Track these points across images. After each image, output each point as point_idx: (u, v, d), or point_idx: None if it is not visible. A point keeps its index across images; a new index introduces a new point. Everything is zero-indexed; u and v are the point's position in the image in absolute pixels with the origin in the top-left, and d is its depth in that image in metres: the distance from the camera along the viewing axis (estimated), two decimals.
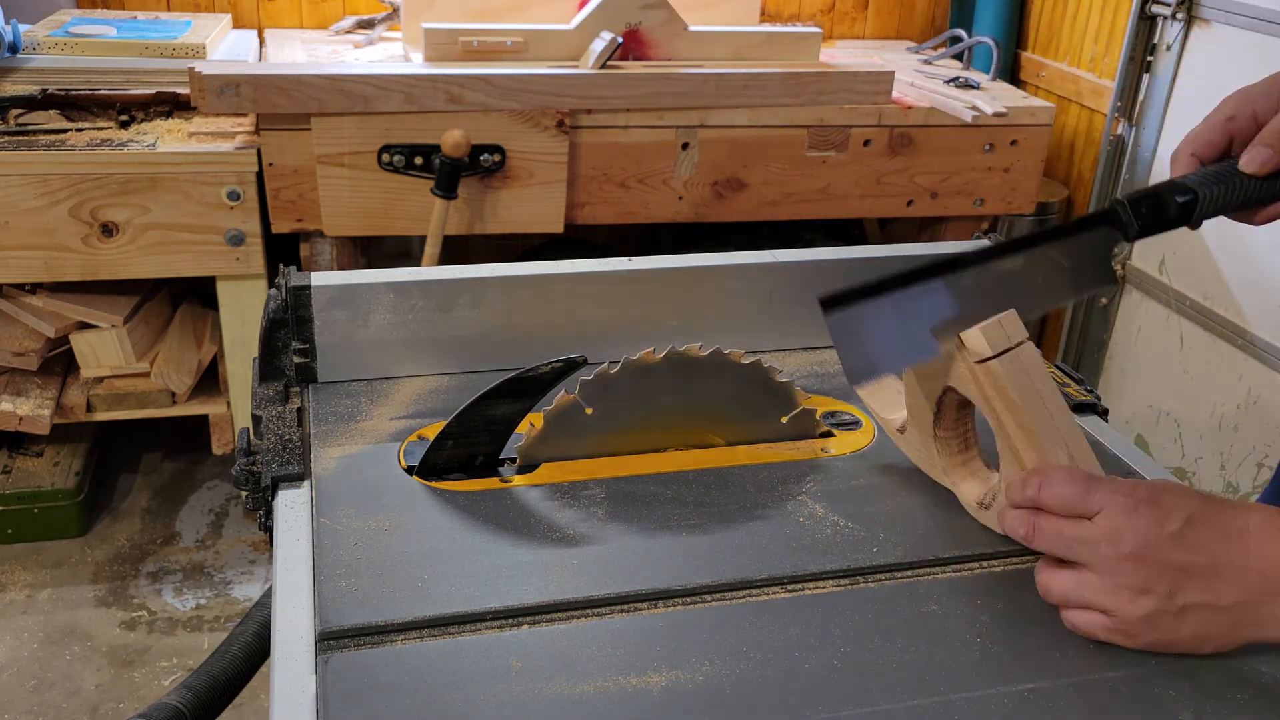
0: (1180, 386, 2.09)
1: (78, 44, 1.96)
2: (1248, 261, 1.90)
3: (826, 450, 0.87)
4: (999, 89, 2.18)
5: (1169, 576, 0.64)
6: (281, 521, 0.76)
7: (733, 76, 1.88)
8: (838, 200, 2.03)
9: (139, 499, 2.22)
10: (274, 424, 0.86)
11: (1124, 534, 0.64)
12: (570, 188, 1.90)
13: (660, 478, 0.82)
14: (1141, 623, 0.65)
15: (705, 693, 0.63)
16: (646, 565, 0.73)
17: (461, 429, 0.80)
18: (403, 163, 1.80)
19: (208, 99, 1.70)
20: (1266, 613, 0.63)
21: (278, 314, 0.89)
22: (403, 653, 0.65)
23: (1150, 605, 0.64)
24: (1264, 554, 0.63)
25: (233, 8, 2.31)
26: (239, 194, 1.78)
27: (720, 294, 0.99)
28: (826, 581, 0.73)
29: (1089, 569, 0.66)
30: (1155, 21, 2.07)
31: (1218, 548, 0.64)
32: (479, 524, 0.76)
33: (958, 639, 0.68)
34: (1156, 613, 0.64)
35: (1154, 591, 0.64)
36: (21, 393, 1.95)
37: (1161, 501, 0.65)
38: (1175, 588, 0.64)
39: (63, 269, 1.80)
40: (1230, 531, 0.64)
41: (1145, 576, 0.64)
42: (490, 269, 0.94)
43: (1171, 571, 0.64)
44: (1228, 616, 0.64)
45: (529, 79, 1.79)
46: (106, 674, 1.79)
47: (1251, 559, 0.63)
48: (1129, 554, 0.64)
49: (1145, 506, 0.65)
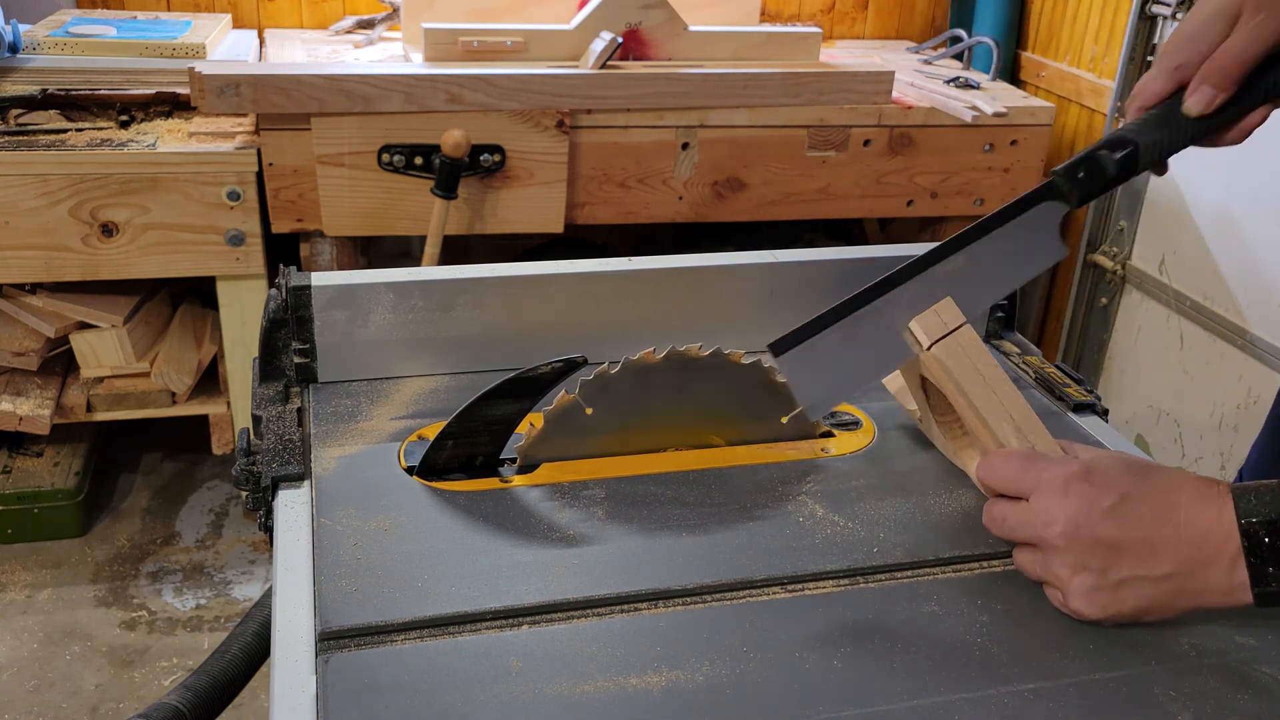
0: (1180, 386, 2.09)
1: (78, 44, 1.96)
2: (1248, 261, 1.90)
3: (826, 450, 0.87)
4: (999, 89, 2.18)
5: (1101, 553, 0.65)
6: (281, 521, 0.76)
7: (733, 76, 1.88)
8: (838, 200, 2.03)
9: (139, 499, 2.22)
10: (274, 424, 0.86)
11: (1055, 513, 0.66)
12: (570, 188, 1.90)
13: (660, 478, 0.82)
14: (1083, 598, 0.66)
15: (705, 693, 0.63)
16: (646, 565, 0.73)
17: (461, 429, 0.80)
18: (403, 163, 1.80)
19: (208, 99, 1.70)
20: (1201, 582, 0.64)
21: (278, 314, 0.89)
22: (403, 653, 0.65)
23: (1088, 581, 0.66)
24: (1195, 524, 0.64)
25: (233, 8, 2.31)
26: (239, 194, 1.78)
27: (720, 294, 0.99)
28: (826, 581, 0.73)
29: (1037, 548, 0.68)
30: (1155, 21, 2.07)
31: (1150, 522, 0.65)
32: (479, 524, 0.76)
33: (958, 639, 0.68)
34: (1094, 588, 0.66)
35: (1089, 568, 0.65)
36: (21, 393, 1.95)
37: (1094, 479, 0.66)
38: (1109, 563, 0.65)
39: (63, 269, 1.80)
40: (1162, 505, 0.65)
41: (1079, 554, 0.65)
42: (490, 269, 0.94)
43: (1104, 548, 0.65)
44: (1165, 587, 0.65)
45: (529, 79, 1.79)
46: (106, 674, 1.79)
47: (1183, 530, 0.64)
48: (1060, 533, 0.66)
49: (1077, 484, 0.66)
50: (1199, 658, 0.68)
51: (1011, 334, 1.07)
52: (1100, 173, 0.75)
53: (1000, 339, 1.07)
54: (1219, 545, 0.64)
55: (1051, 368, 1.00)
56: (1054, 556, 0.67)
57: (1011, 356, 1.03)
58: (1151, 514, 0.65)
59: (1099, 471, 0.67)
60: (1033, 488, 0.68)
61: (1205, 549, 0.64)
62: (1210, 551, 0.64)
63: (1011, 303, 1.06)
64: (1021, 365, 1.01)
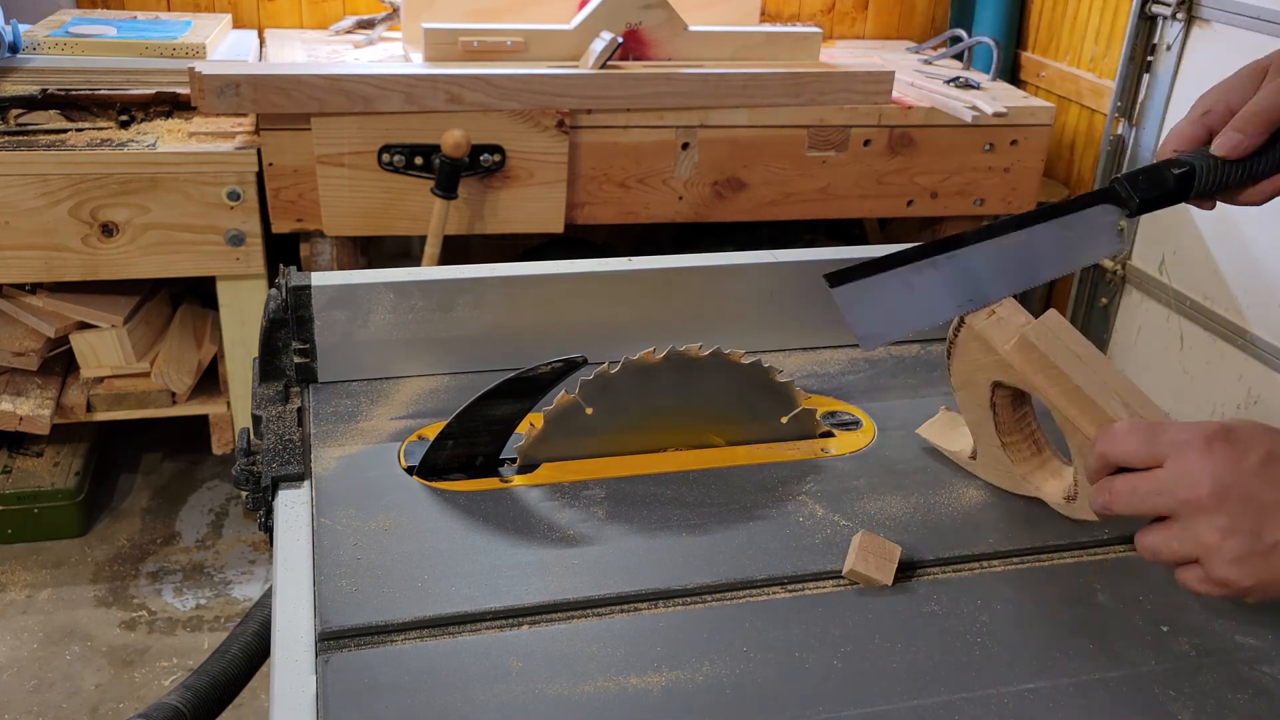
0: (1180, 386, 2.09)
1: (78, 44, 1.96)
2: (1248, 261, 1.90)
3: (826, 450, 0.87)
4: (999, 89, 2.18)
5: (1253, 513, 0.60)
6: (281, 521, 0.76)
7: (733, 76, 1.88)
8: (838, 200, 2.03)
9: (139, 499, 2.22)
10: (274, 424, 0.86)
11: (1199, 475, 0.61)
12: (570, 188, 1.90)
13: (660, 478, 0.82)
14: (1235, 564, 0.61)
15: (705, 693, 0.63)
16: (646, 565, 0.73)
17: (461, 429, 0.80)
18: (403, 163, 1.80)
19: (208, 99, 1.70)
20: None
21: (278, 314, 0.89)
22: (403, 653, 0.65)
23: (1239, 547, 0.61)
24: None
25: (233, 8, 2.31)
26: (239, 194, 1.78)
27: (720, 294, 0.99)
28: (826, 581, 0.73)
29: (1174, 519, 0.63)
30: (1155, 21, 2.07)
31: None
32: (479, 524, 0.76)
33: (958, 639, 0.68)
34: (1248, 553, 0.61)
35: (1240, 530, 0.61)
36: (21, 393, 1.95)
37: (1235, 437, 0.62)
38: (1262, 524, 0.60)
39: (63, 269, 1.80)
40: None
41: (1230, 515, 0.61)
42: (490, 269, 0.94)
43: (1255, 508, 0.60)
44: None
45: (529, 79, 1.79)
46: (106, 674, 1.79)
47: None
48: (1208, 494, 0.61)
49: (1219, 443, 0.62)
50: (1199, 658, 0.68)
51: None
52: (1160, 181, 0.77)
53: None
54: None
55: None
56: (1200, 521, 0.61)
57: None
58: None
59: (1240, 430, 0.63)
60: (1167, 452, 0.63)
61: None
62: None
63: None
64: None
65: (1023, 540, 0.78)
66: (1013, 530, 0.79)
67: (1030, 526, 0.79)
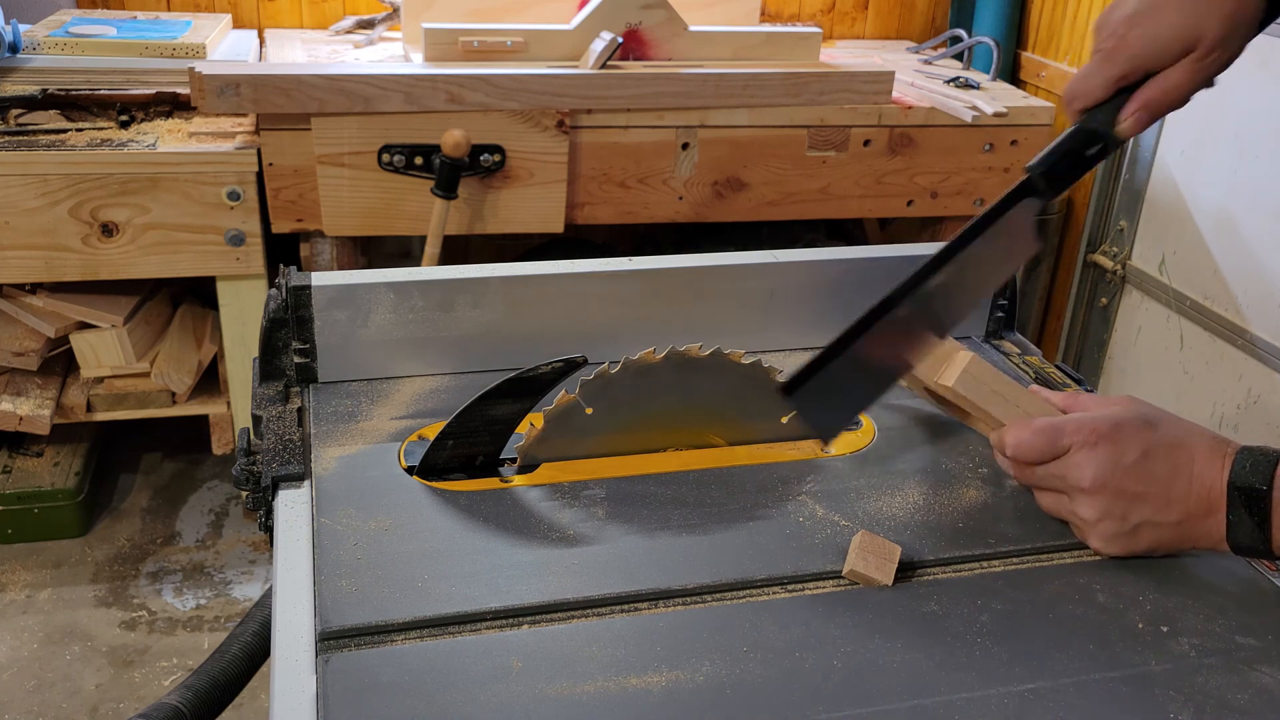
0: (1180, 386, 2.09)
1: (78, 44, 1.96)
2: (1248, 261, 1.90)
3: (826, 450, 0.87)
4: (999, 89, 2.18)
5: (1123, 502, 0.74)
6: (281, 521, 0.76)
7: (733, 76, 1.88)
8: (838, 200, 2.03)
9: (139, 499, 2.22)
10: (274, 424, 0.86)
11: (1085, 468, 0.75)
12: (570, 188, 1.90)
13: (660, 478, 0.82)
14: (1104, 540, 0.76)
15: (705, 693, 0.63)
16: (646, 565, 0.73)
17: (462, 429, 0.80)
18: (403, 163, 1.79)
19: (208, 99, 1.70)
20: (1202, 528, 0.74)
21: (278, 314, 0.89)
22: (403, 653, 0.65)
23: (1110, 528, 0.75)
24: (1204, 479, 0.74)
25: (233, 8, 2.31)
26: (239, 194, 1.78)
27: (720, 294, 0.99)
28: (826, 581, 0.73)
29: (1065, 494, 0.77)
30: None
31: (1167, 477, 0.74)
32: (479, 524, 0.76)
33: (958, 639, 0.68)
34: (1116, 533, 0.75)
35: (1111, 515, 0.75)
36: (21, 393, 1.95)
37: (1119, 437, 0.75)
38: (1128, 510, 0.74)
39: (63, 269, 1.80)
40: (1179, 461, 0.74)
41: (1105, 502, 0.75)
42: (490, 269, 0.94)
43: (1126, 498, 0.74)
44: (1174, 532, 0.75)
45: (529, 79, 1.79)
46: (106, 674, 1.79)
47: (1195, 484, 0.74)
48: (1090, 484, 0.74)
49: (1105, 443, 0.75)
50: (1199, 658, 0.68)
51: (1012, 334, 1.07)
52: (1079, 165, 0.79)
53: (1000, 338, 1.07)
54: (1217, 500, 0.73)
55: (1051, 367, 1.01)
56: (1081, 500, 0.75)
57: (1012, 356, 1.03)
58: (1170, 470, 0.74)
59: (1124, 429, 0.75)
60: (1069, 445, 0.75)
61: (1208, 501, 0.73)
62: (1211, 504, 0.73)
63: (1012, 302, 1.06)
64: (1021, 365, 1.01)
65: (1023, 540, 0.78)
66: (1013, 530, 0.79)
67: (1030, 526, 0.79)
